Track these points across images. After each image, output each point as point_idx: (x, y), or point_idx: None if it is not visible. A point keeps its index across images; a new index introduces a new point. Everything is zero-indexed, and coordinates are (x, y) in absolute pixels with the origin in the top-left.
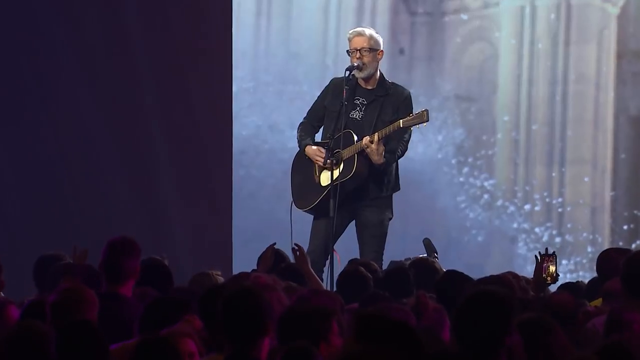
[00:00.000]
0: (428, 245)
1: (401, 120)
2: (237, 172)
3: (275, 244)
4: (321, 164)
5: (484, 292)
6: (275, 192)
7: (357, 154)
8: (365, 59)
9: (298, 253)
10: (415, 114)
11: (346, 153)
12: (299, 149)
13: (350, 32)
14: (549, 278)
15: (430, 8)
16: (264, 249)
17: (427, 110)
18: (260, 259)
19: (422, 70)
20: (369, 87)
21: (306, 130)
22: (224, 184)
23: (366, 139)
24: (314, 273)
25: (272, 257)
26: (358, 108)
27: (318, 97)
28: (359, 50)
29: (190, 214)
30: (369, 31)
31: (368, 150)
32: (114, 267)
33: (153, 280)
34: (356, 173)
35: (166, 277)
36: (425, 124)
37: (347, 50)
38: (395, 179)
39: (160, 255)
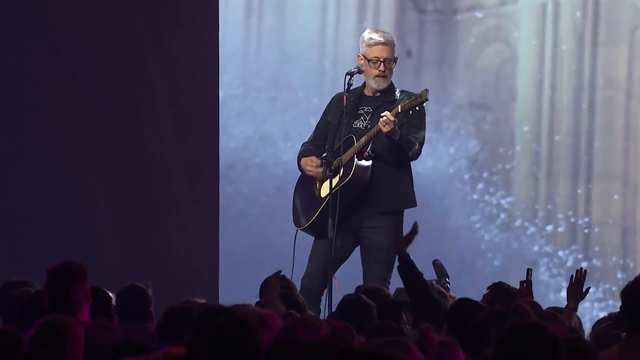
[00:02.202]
0: (439, 268)
1: (399, 106)
2: (225, 189)
3: (280, 271)
4: (310, 173)
5: (532, 326)
6: (268, 211)
7: (356, 154)
8: (387, 70)
9: (273, 280)
10: (414, 96)
11: (346, 156)
12: (300, 172)
13: (371, 36)
14: None
15: (441, 5)
16: (269, 276)
17: (426, 90)
18: (263, 286)
19: (431, 74)
20: (377, 95)
21: (306, 149)
22: (210, 202)
23: (382, 119)
24: (275, 305)
25: (277, 287)
26: (362, 117)
27: (321, 115)
28: (383, 61)
29: (172, 235)
30: (391, 38)
31: (380, 122)
32: (63, 297)
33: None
34: (354, 177)
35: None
36: (424, 103)
37: (367, 59)
38: (411, 190)
39: (145, 283)
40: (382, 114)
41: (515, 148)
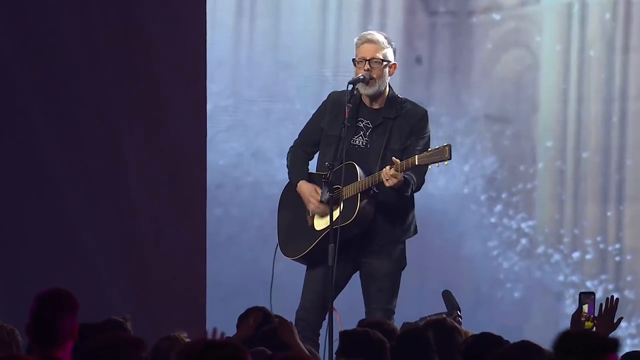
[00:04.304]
0: (449, 299)
1: (416, 157)
2: (213, 212)
3: (264, 308)
4: (313, 208)
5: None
6: (261, 236)
7: (360, 193)
8: (375, 72)
9: (280, 325)
10: (434, 149)
11: (347, 191)
12: (289, 180)
13: (359, 36)
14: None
15: (454, 6)
16: (246, 310)
17: (449, 146)
18: (240, 320)
19: (443, 83)
20: (375, 107)
21: (298, 158)
22: (196, 226)
23: (387, 171)
24: (302, 346)
25: (255, 325)
26: (362, 133)
27: (313, 115)
28: (368, 60)
29: (154, 263)
30: (382, 38)
31: (383, 175)
32: (48, 326)
33: None
34: (359, 217)
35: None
36: (446, 162)
37: (353, 59)
38: (411, 220)
39: (122, 316)
40: (387, 169)
41: (537, 166)
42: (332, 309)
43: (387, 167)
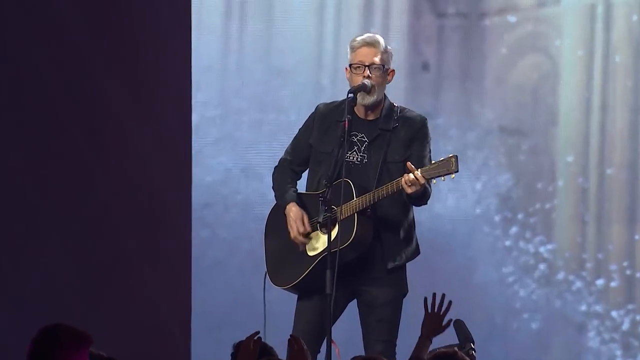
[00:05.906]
0: (462, 330)
1: (419, 170)
2: (199, 233)
3: (258, 332)
4: (295, 236)
5: None
6: (251, 261)
7: (356, 213)
8: (375, 79)
9: (296, 347)
10: (439, 161)
11: (343, 212)
12: (276, 202)
13: (356, 39)
14: None
15: (465, 7)
16: (244, 339)
17: (455, 157)
18: (237, 352)
19: (453, 92)
20: (371, 118)
21: (286, 178)
22: (181, 249)
23: (407, 177)
24: None
25: (256, 353)
26: (356, 147)
27: (300, 131)
28: (368, 66)
29: (134, 290)
30: (381, 40)
31: (405, 181)
32: None
33: None
34: (356, 239)
35: None
36: (453, 175)
37: (350, 65)
38: (413, 240)
39: (99, 353)
40: (409, 175)
41: (557, 183)
42: (332, 342)
43: (405, 175)
